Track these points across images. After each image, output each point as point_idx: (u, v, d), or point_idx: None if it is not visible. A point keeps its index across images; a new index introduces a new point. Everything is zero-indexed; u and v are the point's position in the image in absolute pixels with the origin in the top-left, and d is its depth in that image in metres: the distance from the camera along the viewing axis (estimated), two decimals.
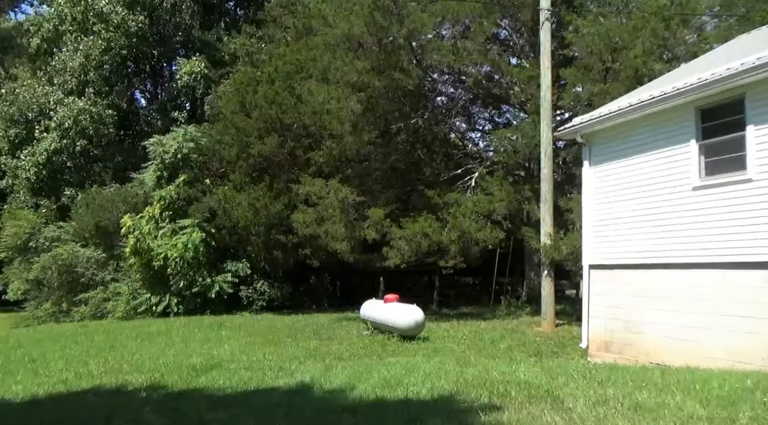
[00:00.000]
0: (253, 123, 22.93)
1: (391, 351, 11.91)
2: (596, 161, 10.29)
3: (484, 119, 21.61)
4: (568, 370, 7.43)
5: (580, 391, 5.78)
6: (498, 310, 18.70)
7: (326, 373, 8.90)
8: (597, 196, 10.21)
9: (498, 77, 17.11)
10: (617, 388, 5.84)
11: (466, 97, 19.43)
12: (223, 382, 8.87)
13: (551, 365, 8.34)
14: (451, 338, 13.55)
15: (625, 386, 5.97)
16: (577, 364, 8.36)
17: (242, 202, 22.73)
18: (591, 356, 9.97)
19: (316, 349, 12.58)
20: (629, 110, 9.23)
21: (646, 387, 5.85)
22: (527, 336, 13.21)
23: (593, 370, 7.24)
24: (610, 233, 9.82)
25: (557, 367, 7.97)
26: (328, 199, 18.44)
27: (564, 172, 16.38)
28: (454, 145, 21.96)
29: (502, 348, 11.67)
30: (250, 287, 24.45)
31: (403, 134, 19.95)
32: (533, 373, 7.37)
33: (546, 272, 14.07)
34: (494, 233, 15.83)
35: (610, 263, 9.75)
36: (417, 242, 16.63)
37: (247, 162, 23.53)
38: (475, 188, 18.25)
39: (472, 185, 18.37)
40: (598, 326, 9.93)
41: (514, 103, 16.49)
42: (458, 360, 9.89)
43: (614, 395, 5.45)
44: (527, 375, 7.12)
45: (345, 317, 20.45)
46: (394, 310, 13.63)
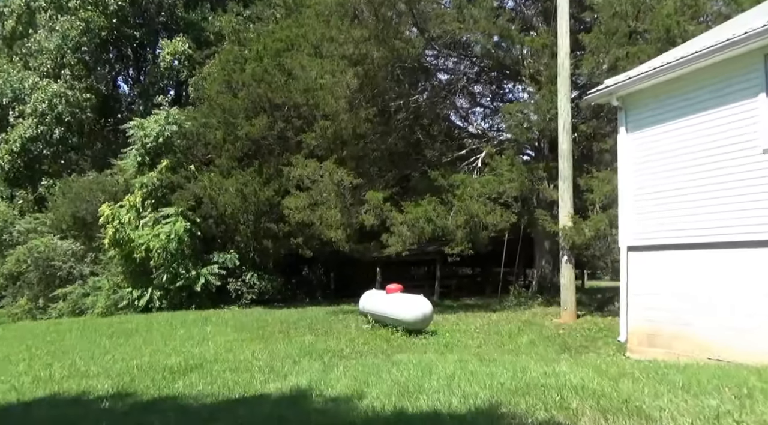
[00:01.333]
0: (240, 103, 21.35)
1: (398, 347, 10.51)
2: (636, 127, 8.91)
3: (490, 98, 20.18)
4: (626, 370, 6.06)
5: (667, 402, 4.39)
6: (506, 301, 17.37)
7: (326, 375, 7.49)
8: (637, 167, 8.84)
9: (507, 47, 15.65)
10: (713, 397, 4.47)
11: (471, 73, 17.97)
12: (203, 387, 7.45)
13: (597, 363, 6.97)
14: (462, 331, 12.18)
15: (720, 393, 4.60)
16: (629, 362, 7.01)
17: (229, 188, 21.18)
18: (631, 351, 8.64)
19: (312, 346, 11.15)
20: (680, 63, 7.85)
21: (751, 395, 4.47)
22: (547, 328, 11.87)
23: (660, 370, 5.85)
24: (654, 209, 8.46)
25: (606, 366, 6.60)
26: (323, 182, 16.96)
27: (582, 149, 14.99)
28: (457, 125, 20.54)
29: (523, 343, 10.32)
30: (238, 279, 22.94)
31: (403, 112, 18.49)
32: (582, 374, 6.00)
33: (566, 258, 12.71)
34: (505, 217, 14.45)
35: (655, 244, 8.40)
36: (420, 228, 15.22)
37: (234, 146, 21.95)
38: (482, 168, 16.85)
39: (479, 165, 16.98)
40: (639, 316, 8.59)
41: (525, 76, 15.05)
42: (479, 357, 8.52)
43: (721, 408, 4.08)
44: (577, 378, 5.75)
45: (341, 310, 19.05)
46: (398, 301, 12.23)
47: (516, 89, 19.56)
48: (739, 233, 7.25)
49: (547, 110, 13.68)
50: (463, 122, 20.52)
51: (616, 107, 9.23)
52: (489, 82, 19.52)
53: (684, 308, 7.93)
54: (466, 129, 20.40)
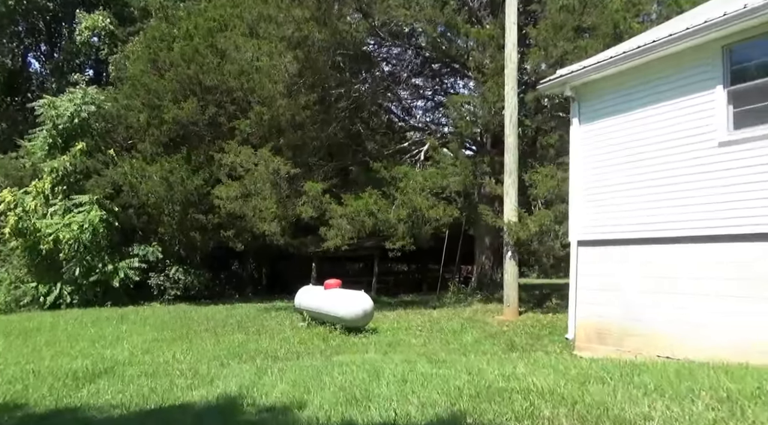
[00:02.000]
0: (167, 84, 19.75)
1: (337, 347, 9.78)
2: (589, 118, 8.67)
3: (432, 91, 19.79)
4: (588, 371, 5.66)
5: (649, 408, 3.95)
6: (445, 298, 17.03)
7: (259, 380, 6.65)
8: (589, 159, 8.60)
9: (453, 38, 15.25)
10: (694, 402, 4.07)
11: (415, 62, 17.47)
12: (111, 396, 6.41)
13: (552, 363, 6.56)
14: (404, 329, 11.63)
15: (698, 397, 4.22)
16: (583, 361, 6.65)
17: (153, 176, 19.55)
18: (579, 348, 8.38)
19: (243, 346, 10.21)
20: (637, 52, 7.62)
21: (730, 397, 4.12)
22: (491, 325, 11.54)
23: (622, 370, 5.49)
24: (606, 203, 8.24)
25: (564, 366, 6.19)
26: (257, 171, 15.89)
27: (525, 145, 14.84)
28: (399, 116, 20.02)
29: (469, 341, 9.88)
30: (161, 274, 21.32)
31: (344, 101, 17.71)
32: (543, 376, 5.53)
33: (510, 254, 12.45)
34: (448, 211, 14.05)
35: (606, 238, 8.17)
36: (360, 221, 14.55)
37: (159, 130, 20.30)
38: (425, 162, 16.39)
39: (421, 158, 16.51)
40: (588, 313, 8.34)
41: (471, 68, 14.70)
42: (426, 357, 7.95)
43: (712, 415, 3.66)
44: (540, 380, 5.27)
45: (273, 306, 18.05)
46: (336, 298, 11.49)
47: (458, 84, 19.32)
48: (694, 228, 7.11)
49: (494, 102, 13.38)
50: (405, 114, 20.04)
51: (568, 97, 8.96)
52: (432, 75, 19.13)
53: (634, 304, 7.74)
54: (409, 121, 19.93)
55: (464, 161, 14.17)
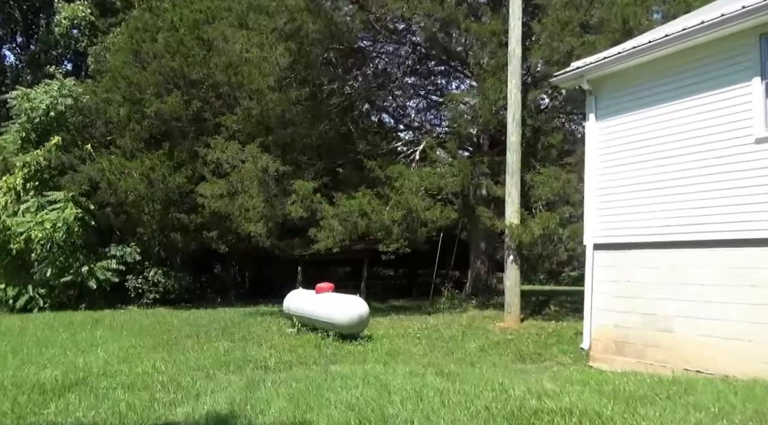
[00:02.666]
0: (150, 77, 18.88)
1: (331, 356, 9.06)
2: (607, 114, 8.13)
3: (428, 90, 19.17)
4: (625, 387, 5.05)
5: None
6: (438, 303, 16.39)
7: (251, 394, 5.92)
8: (607, 157, 8.05)
9: (453, 34, 14.69)
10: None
11: (410, 60, 16.87)
12: (83, 413, 5.63)
13: (579, 377, 5.95)
14: (401, 336, 10.95)
15: None
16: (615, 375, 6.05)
17: (133, 173, 18.64)
18: (594, 359, 7.80)
19: (229, 354, 9.42)
20: (664, 41, 7.10)
21: None
22: (492, 333, 10.93)
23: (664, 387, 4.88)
24: (625, 204, 7.69)
25: (595, 381, 5.58)
26: (245, 168, 15.10)
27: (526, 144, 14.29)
28: (393, 115, 19.38)
29: (473, 350, 9.24)
30: (139, 276, 20.31)
31: (336, 97, 17.02)
32: (576, 392, 4.92)
33: (512, 258, 11.87)
34: (446, 213, 13.44)
35: (626, 242, 7.62)
36: (353, 222, 13.85)
37: (140, 125, 19.41)
38: (419, 162, 15.77)
39: (417, 158, 15.89)
40: (605, 321, 7.77)
41: (471, 64, 14.15)
42: (434, 369, 7.29)
43: None
44: (574, 398, 4.64)
45: (258, 311, 17.24)
46: (330, 302, 10.78)
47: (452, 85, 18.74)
48: (728, 230, 6.58)
49: (495, 100, 12.82)
50: (398, 113, 19.42)
51: (585, 91, 8.41)
52: (427, 73, 18.54)
53: (658, 313, 7.18)
54: (402, 121, 19.32)
55: (463, 160, 13.59)
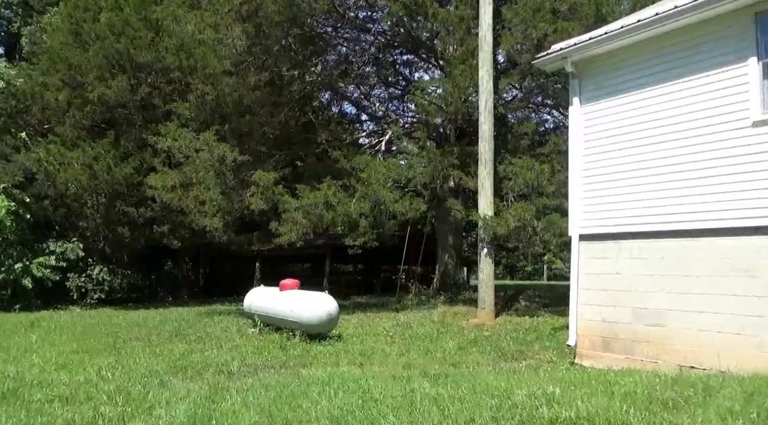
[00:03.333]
0: (92, 59, 17.51)
1: (300, 358, 8.34)
2: (592, 97, 7.76)
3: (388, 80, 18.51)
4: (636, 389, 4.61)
5: None
6: (405, 300, 15.86)
7: (215, 406, 5.17)
8: (592, 143, 7.68)
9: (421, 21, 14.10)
10: None
11: (378, 43, 16.18)
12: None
13: (579, 377, 5.50)
14: (372, 335, 10.34)
15: None
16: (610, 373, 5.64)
17: (74, 162, 17.24)
18: (582, 356, 7.42)
19: (185, 358, 8.55)
20: (655, 20, 6.75)
21: None
22: (468, 330, 10.47)
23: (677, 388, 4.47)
24: (612, 192, 7.33)
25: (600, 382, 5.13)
26: (199, 158, 14.07)
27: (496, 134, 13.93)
28: (356, 104, 18.65)
29: (451, 348, 8.73)
30: (82, 274, 18.88)
31: (297, 84, 16.18)
32: (585, 395, 4.44)
33: (486, 251, 11.44)
34: (415, 205, 12.91)
35: (614, 232, 7.26)
36: (317, 215, 13.10)
37: (82, 111, 17.98)
38: (385, 153, 15.17)
39: (382, 149, 15.28)
40: (592, 316, 7.40)
41: (439, 50, 13.63)
42: (416, 371, 6.72)
43: None
44: (587, 403, 4.16)
45: (214, 310, 16.26)
46: (296, 300, 10.03)
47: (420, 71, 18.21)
48: (723, 218, 6.29)
49: (465, 87, 12.35)
50: (362, 103, 18.71)
51: (568, 74, 8.01)
52: (392, 63, 17.92)
53: (649, 306, 6.85)
54: (366, 110, 18.64)
55: (433, 150, 13.06)
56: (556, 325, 10.35)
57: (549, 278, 48.63)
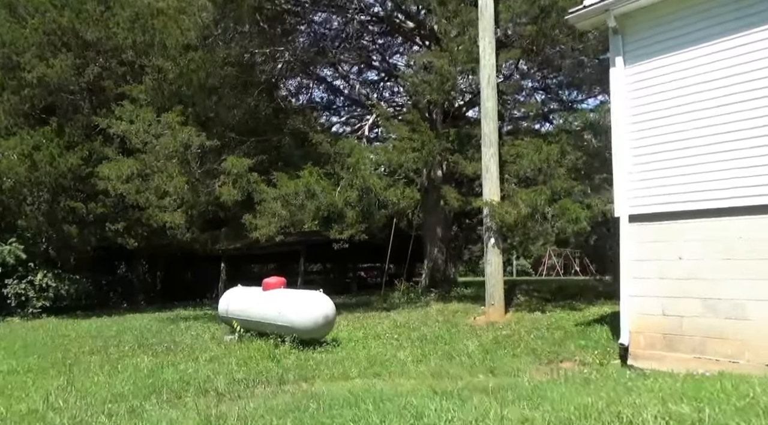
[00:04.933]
0: (30, 36, 15.40)
1: (299, 370, 6.93)
2: (639, 56, 6.72)
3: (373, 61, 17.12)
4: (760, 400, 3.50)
5: None
6: (392, 298, 14.59)
7: None
8: (641, 109, 6.63)
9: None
10: None
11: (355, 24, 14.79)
12: None
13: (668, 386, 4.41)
14: (372, 338, 9.03)
15: None
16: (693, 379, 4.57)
17: (10, 153, 15.11)
18: (636, 357, 6.34)
19: (155, 374, 7.00)
20: None
21: None
22: (481, 328, 9.31)
23: None
24: (671, 164, 6.30)
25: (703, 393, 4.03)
26: (160, 144, 12.35)
27: None
28: (334, 88, 17.20)
29: (475, 352, 7.52)
30: (23, 280, 16.67)
31: (269, 64, 14.66)
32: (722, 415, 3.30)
33: (493, 241, 10.29)
34: (408, 193, 11.67)
35: (674, 210, 6.23)
36: (299, 205, 11.68)
37: (18, 95, 15.82)
38: (369, 138, 13.87)
39: (365, 133, 13.97)
40: (648, 310, 6.34)
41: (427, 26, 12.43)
42: (465, 382, 5.48)
43: None
44: None
45: (178, 316, 14.57)
46: (285, 301, 8.61)
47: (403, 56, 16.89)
48: None
49: (464, 61, 11.19)
50: (339, 85, 17.32)
51: (610, 29, 6.94)
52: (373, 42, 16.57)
53: (727, 297, 5.82)
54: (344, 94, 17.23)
55: (427, 132, 11.83)
56: (578, 320, 9.33)
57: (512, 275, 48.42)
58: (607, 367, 6.34)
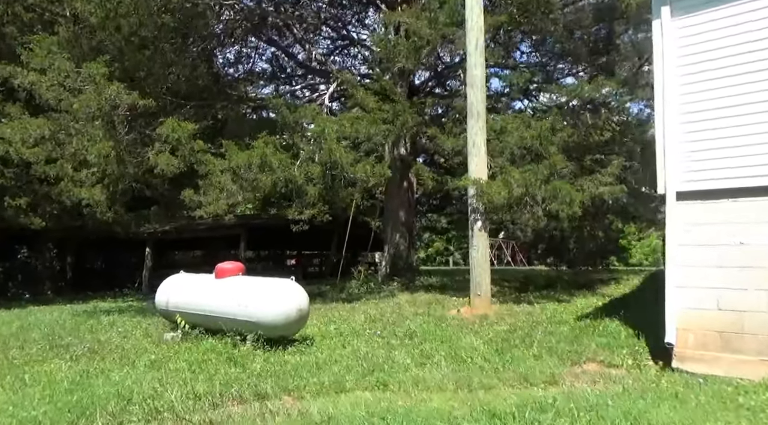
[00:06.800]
0: None
1: (274, 378, 5.45)
2: (688, 7, 5.78)
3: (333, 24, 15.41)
4: None
5: None
6: (350, 288, 13.20)
7: None
8: (692, 68, 5.69)
9: None
10: None
11: None
12: None
13: None
14: (351, 335, 7.66)
15: None
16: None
17: None
18: (683, 359, 5.41)
19: (81, 387, 5.27)
20: None
21: None
22: (473, 322, 8.17)
23: None
24: (730, 133, 5.40)
25: None
26: (80, 101, 10.16)
27: None
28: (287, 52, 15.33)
29: (484, 352, 6.34)
30: None
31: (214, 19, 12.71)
32: None
33: (480, 224, 9.16)
34: (379, 169, 10.32)
35: (734, 187, 5.34)
36: (251, 180, 10.01)
37: None
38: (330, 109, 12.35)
39: (325, 102, 12.44)
40: (700, 304, 5.43)
41: None
42: (518, 398, 4.27)
43: None
44: None
45: (96, 309, 12.45)
46: (247, 291, 7.05)
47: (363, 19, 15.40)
48: None
49: (446, 24, 9.95)
50: (296, 50, 15.47)
51: None
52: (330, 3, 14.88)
53: None
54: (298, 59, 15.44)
55: (401, 101, 10.50)
56: (575, 313, 8.46)
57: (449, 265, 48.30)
58: (647, 370, 5.39)
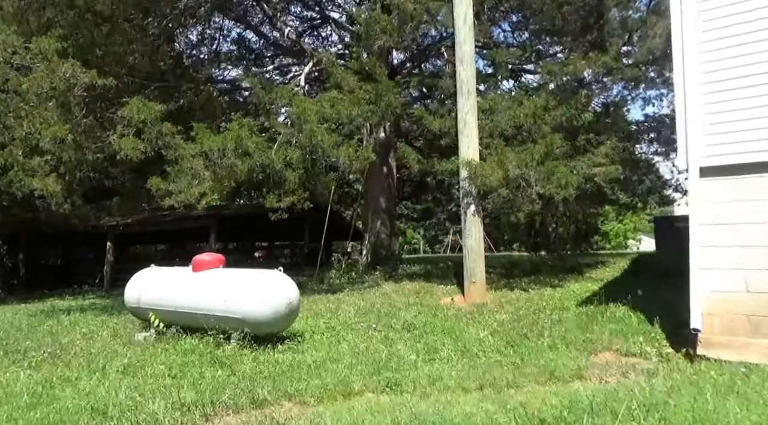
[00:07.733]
0: None
1: (269, 380, 4.87)
2: None
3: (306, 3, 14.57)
4: None
5: None
6: (329, 278, 12.60)
7: None
8: (714, 33, 5.31)
9: None
10: None
11: None
12: None
13: None
14: (344, 328, 7.11)
15: None
16: None
17: None
18: (710, 345, 5.08)
19: (46, 401, 4.58)
20: None
21: None
22: (471, 311, 7.74)
23: None
24: (758, 103, 5.05)
25: None
26: (31, 79, 9.16)
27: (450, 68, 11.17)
28: (258, 31, 14.42)
29: (493, 344, 5.90)
30: None
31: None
32: None
33: (473, 209, 8.70)
34: (363, 152, 9.74)
35: (764, 161, 5.00)
36: (227, 166, 9.26)
37: None
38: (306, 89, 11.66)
39: (302, 84, 11.73)
40: (726, 287, 5.11)
41: None
42: (560, 399, 3.82)
43: None
44: None
45: (53, 308, 11.52)
46: (230, 284, 6.39)
47: None
48: None
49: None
50: (269, 28, 14.55)
51: None
52: None
53: None
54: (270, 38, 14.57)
55: (385, 81, 9.91)
56: (576, 298, 8.14)
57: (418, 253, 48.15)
58: (674, 360, 5.03)
